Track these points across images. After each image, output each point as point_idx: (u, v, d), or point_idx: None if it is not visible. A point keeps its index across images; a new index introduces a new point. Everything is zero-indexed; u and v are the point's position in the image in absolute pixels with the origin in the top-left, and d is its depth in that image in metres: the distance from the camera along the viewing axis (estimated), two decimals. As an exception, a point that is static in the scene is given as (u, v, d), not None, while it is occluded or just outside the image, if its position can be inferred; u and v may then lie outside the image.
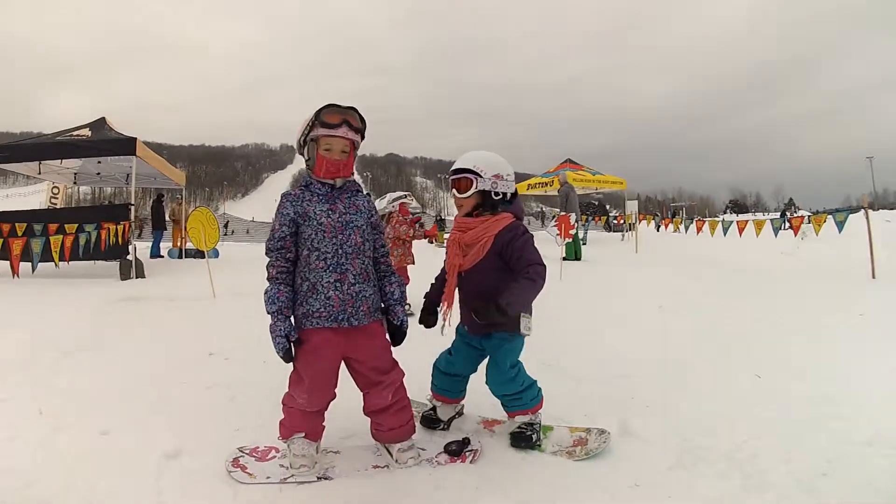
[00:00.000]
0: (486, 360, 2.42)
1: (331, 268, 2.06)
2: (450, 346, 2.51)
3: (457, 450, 2.22)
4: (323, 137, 2.06)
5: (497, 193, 2.29)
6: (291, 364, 2.08)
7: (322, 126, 2.04)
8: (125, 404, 2.78)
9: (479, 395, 2.54)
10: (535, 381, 2.38)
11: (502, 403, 2.37)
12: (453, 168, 2.33)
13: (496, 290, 2.12)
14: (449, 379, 2.46)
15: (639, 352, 3.76)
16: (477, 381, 2.48)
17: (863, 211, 7.05)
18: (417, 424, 2.43)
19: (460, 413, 2.56)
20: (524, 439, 2.29)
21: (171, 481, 2.05)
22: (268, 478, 2.05)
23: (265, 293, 2.08)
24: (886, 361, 3.30)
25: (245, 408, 2.75)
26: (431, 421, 2.49)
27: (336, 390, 2.13)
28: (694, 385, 3.04)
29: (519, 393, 2.31)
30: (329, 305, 2.05)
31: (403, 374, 2.23)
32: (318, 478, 2.05)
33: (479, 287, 2.25)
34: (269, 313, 2.05)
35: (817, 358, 3.46)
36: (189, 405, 2.79)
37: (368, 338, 2.13)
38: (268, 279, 2.10)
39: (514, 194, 2.38)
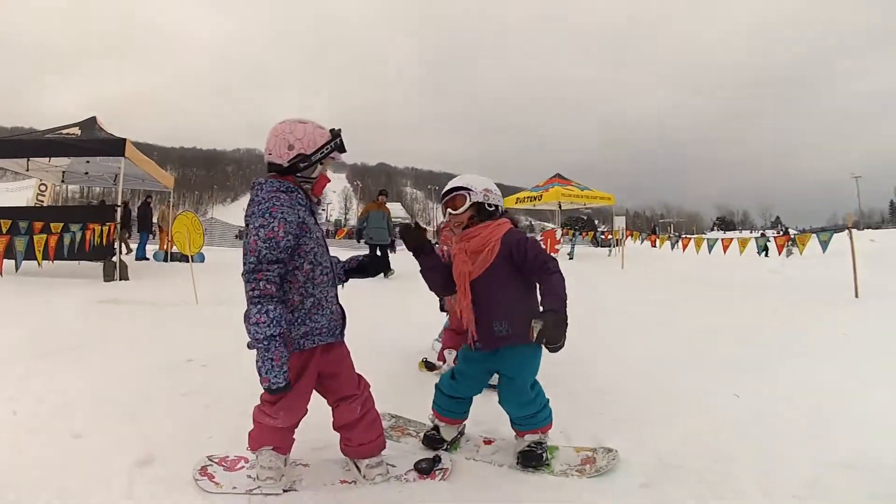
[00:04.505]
0: (492, 379, 2.42)
1: (331, 282, 2.07)
2: (451, 369, 2.48)
3: (427, 467, 2.18)
4: (329, 158, 2.06)
5: (490, 205, 2.30)
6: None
7: (339, 150, 2.05)
8: (100, 408, 2.75)
9: (478, 412, 2.54)
10: (549, 400, 2.35)
11: (514, 422, 2.33)
12: (445, 191, 2.33)
13: (516, 301, 2.18)
14: (452, 401, 2.40)
15: (618, 367, 3.76)
16: (477, 400, 2.47)
17: (847, 231, 7.10)
18: (419, 444, 2.43)
19: (462, 433, 2.51)
20: (535, 458, 2.24)
21: (142, 487, 2.03)
22: (234, 488, 2.03)
23: (261, 314, 1.74)
24: (868, 382, 3.27)
25: (220, 416, 2.72)
26: (434, 441, 2.42)
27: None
28: (672, 402, 3.03)
29: (536, 413, 2.28)
30: (333, 320, 2.05)
31: (369, 386, 2.22)
32: (284, 490, 2.03)
33: (496, 299, 2.20)
34: (267, 338, 1.73)
35: (798, 377, 3.44)
36: (164, 411, 2.76)
37: (343, 351, 2.14)
38: (260, 297, 1.75)
39: (505, 212, 2.39)
